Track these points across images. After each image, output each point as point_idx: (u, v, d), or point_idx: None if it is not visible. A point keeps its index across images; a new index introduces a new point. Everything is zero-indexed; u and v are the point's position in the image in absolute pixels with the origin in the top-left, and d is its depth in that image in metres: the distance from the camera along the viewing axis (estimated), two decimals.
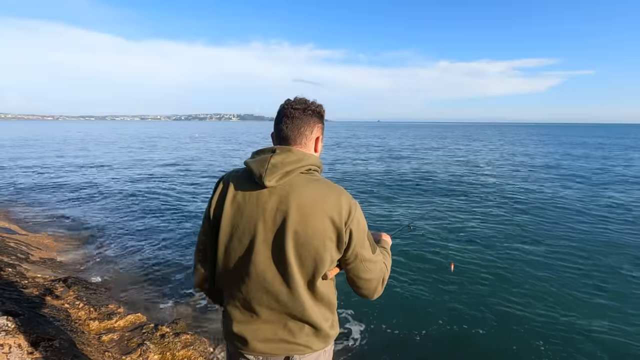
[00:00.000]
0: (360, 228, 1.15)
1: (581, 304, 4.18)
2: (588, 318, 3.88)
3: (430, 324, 3.76)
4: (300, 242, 1.09)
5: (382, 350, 3.38)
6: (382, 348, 3.41)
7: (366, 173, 14.33)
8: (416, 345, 3.45)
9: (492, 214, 7.96)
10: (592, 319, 3.85)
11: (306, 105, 1.21)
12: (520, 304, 4.12)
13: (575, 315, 3.93)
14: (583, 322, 3.81)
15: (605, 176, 13.57)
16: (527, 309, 4.03)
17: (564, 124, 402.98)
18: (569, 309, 4.06)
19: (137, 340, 3.08)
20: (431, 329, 3.70)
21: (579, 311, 4.01)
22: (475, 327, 3.71)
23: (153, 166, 16.08)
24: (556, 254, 5.59)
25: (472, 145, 31.12)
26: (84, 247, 5.82)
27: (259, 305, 1.15)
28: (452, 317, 3.88)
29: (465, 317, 3.90)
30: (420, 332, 3.64)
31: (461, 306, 4.09)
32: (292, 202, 1.09)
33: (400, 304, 4.17)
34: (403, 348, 3.41)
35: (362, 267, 1.18)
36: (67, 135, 44.39)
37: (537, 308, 4.05)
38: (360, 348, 3.41)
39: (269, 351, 1.16)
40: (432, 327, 3.71)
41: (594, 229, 6.92)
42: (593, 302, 4.23)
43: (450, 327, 3.71)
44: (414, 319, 3.85)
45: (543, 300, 4.23)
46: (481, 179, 12.79)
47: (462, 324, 3.77)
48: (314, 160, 1.17)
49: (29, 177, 12.39)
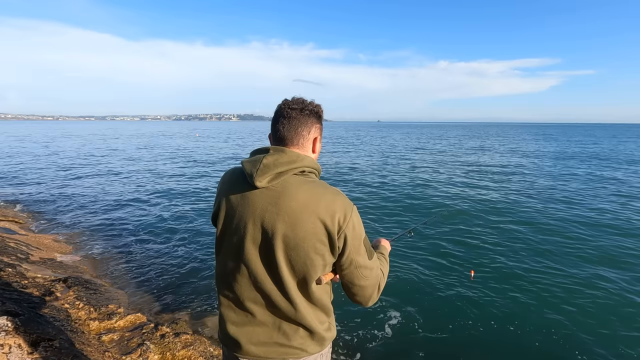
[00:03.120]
0: (356, 233, 1.11)
1: (608, 312, 3.96)
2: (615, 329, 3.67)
3: (441, 331, 3.68)
4: (290, 245, 1.07)
5: (389, 355, 3.34)
6: (387, 352, 3.37)
7: (367, 174, 14.31)
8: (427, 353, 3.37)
9: (505, 217, 7.72)
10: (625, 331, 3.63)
11: (303, 105, 1.18)
12: (550, 319, 3.90)
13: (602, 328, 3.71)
14: (607, 331, 3.62)
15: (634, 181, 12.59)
16: (553, 321, 3.85)
17: (564, 124, 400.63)
18: (596, 319, 3.87)
19: (137, 340, 3.08)
20: (441, 335, 3.60)
21: (604, 321, 3.80)
22: (488, 335, 3.59)
23: (154, 166, 16.08)
24: (581, 260, 5.38)
25: (474, 145, 31.02)
26: (84, 247, 5.82)
27: (253, 304, 1.14)
28: (465, 327, 3.75)
29: (478, 325, 3.78)
30: (431, 338, 3.55)
31: (477, 315, 3.95)
32: (282, 204, 1.06)
33: (410, 308, 4.09)
34: (410, 353, 3.37)
35: (357, 273, 1.14)
36: (66, 134, 44.44)
37: (560, 318, 3.89)
38: (366, 351, 3.38)
39: (263, 354, 1.14)
40: (442, 334, 3.62)
41: (624, 233, 6.62)
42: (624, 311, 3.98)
43: (461, 336, 3.59)
44: (424, 325, 3.76)
45: (562, 309, 4.06)
46: (487, 181, 12.59)
47: (475, 332, 3.67)
48: (309, 162, 1.14)
49: (29, 177, 12.40)
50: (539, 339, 3.56)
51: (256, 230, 1.09)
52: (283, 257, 1.08)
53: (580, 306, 4.15)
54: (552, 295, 4.39)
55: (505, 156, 21.49)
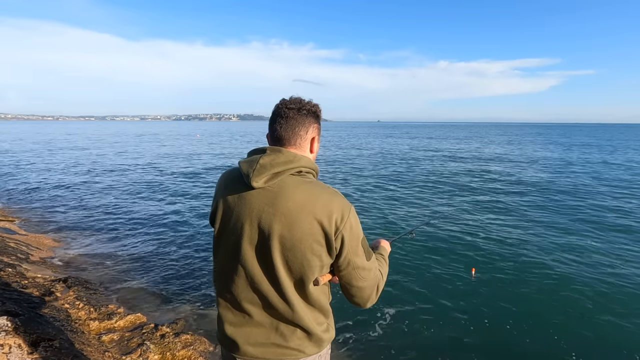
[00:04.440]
0: (354, 234, 1.10)
1: (614, 312, 3.92)
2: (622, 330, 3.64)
3: (442, 330, 3.66)
4: (286, 246, 1.06)
5: (389, 355, 3.33)
6: (388, 352, 3.36)
7: (367, 174, 14.31)
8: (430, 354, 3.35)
9: (509, 217, 7.70)
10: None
11: (301, 104, 1.17)
12: (550, 317, 3.89)
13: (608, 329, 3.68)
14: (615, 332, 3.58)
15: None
16: (555, 322, 3.81)
17: (564, 124, 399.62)
18: (601, 320, 3.83)
19: (137, 340, 3.09)
20: (442, 335, 3.58)
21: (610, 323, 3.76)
22: (491, 336, 3.57)
23: (156, 166, 16.09)
24: (585, 259, 5.35)
25: (475, 146, 31.01)
26: (84, 247, 5.82)
27: (250, 304, 1.13)
28: (467, 326, 3.73)
29: (481, 325, 3.76)
30: (432, 338, 3.54)
31: (479, 315, 3.93)
32: (279, 204, 1.05)
33: (411, 308, 4.07)
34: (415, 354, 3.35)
35: (355, 274, 1.13)
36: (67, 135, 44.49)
37: (565, 319, 3.86)
38: (367, 351, 3.38)
39: (260, 355, 1.13)
40: (443, 334, 3.61)
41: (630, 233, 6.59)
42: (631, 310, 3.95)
43: (462, 337, 3.56)
44: (425, 325, 3.75)
45: (568, 312, 4.02)
46: (489, 181, 12.53)
47: (476, 331, 3.65)
48: (307, 162, 1.13)
49: (29, 177, 12.41)
50: (540, 339, 3.55)
51: (253, 231, 1.09)
52: (280, 257, 1.07)
53: (584, 306, 4.13)
54: (556, 296, 4.35)
55: (506, 156, 21.48)
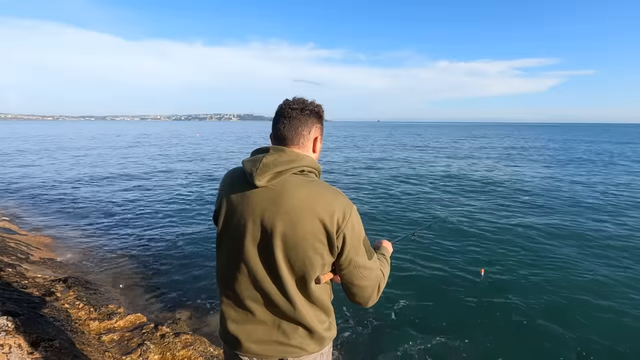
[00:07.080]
0: (355, 233, 1.11)
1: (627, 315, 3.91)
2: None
3: (445, 330, 3.66)
4: (289, 245, 1.07)
5: (391, 355, 3.32)
6: (389, 352, 3.35)
7: (367, 174, 14.32)
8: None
9: (515, 216, 7.68)
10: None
11: (304, 105, 1.19)
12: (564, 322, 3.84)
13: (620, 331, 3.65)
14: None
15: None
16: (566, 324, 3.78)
17: (564, 124, 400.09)
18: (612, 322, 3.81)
19: (137, 340, 3.08)
20: (445, 335, 3.57)
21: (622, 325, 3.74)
22: (499, 338, 3.56)
23: (156, 166, 16.09)
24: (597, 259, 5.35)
25: (476, 146, 31.00)
26: (84, 247, 5.82)
27: (253, 302, 1.15)
28: (473, 326, 3.73)
29: (487, 327, 3.75)
30: (435, 338, 3.53)
31: (485, 315, 3.93)
32: (282, 203, 1.07)
33: (415, 307, 4.07)
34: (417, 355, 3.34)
35: (356, 273, 1.14)
36: (63, 134, 44.48)
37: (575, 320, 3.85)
38: (367, 351, 3.38)
39: (262, 352, 1.15)
40: (446, 333, 3.60)
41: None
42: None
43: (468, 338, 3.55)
44: (429, 324, 3.75)
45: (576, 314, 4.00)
46: (493, 182, 12.46)
47: (482, 330, 3.65)
48: (309, 162, 1.15)
49: (29, 177, 12.40)
50: (549, 340, 3.54)
51: (256, 229, 1.10)
52: (282, 256, 1.09)
53: (596, 307, 4.11)
54: (568, 297, 4.32)
55: (507, 156, 21.49)
